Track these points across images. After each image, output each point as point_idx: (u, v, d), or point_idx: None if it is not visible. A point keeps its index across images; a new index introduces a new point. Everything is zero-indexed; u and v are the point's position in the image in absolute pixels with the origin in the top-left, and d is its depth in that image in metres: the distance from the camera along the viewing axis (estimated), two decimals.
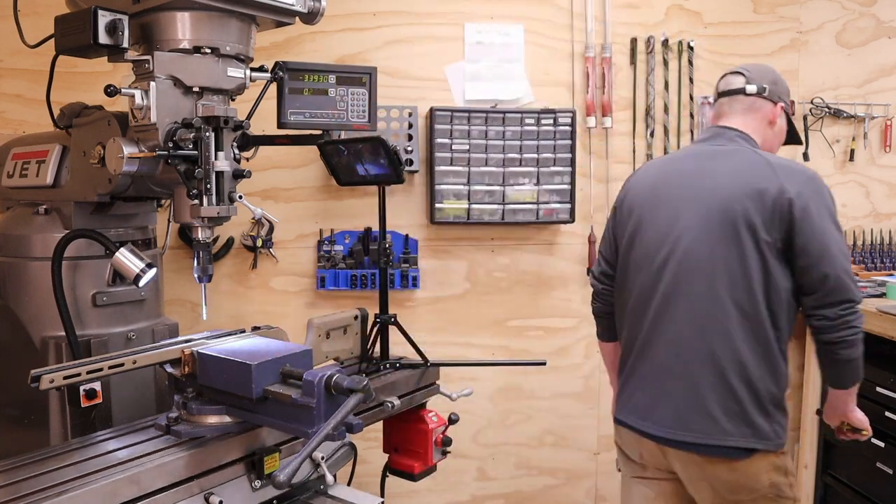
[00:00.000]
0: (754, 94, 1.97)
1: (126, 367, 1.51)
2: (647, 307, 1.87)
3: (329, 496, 1.72)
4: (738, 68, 2.02)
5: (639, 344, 1.90)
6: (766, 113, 1.99)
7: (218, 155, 1.65)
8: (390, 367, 2.13)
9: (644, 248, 1.89)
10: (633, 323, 1.92)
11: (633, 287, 1.91)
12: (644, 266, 1.88)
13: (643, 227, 1.91)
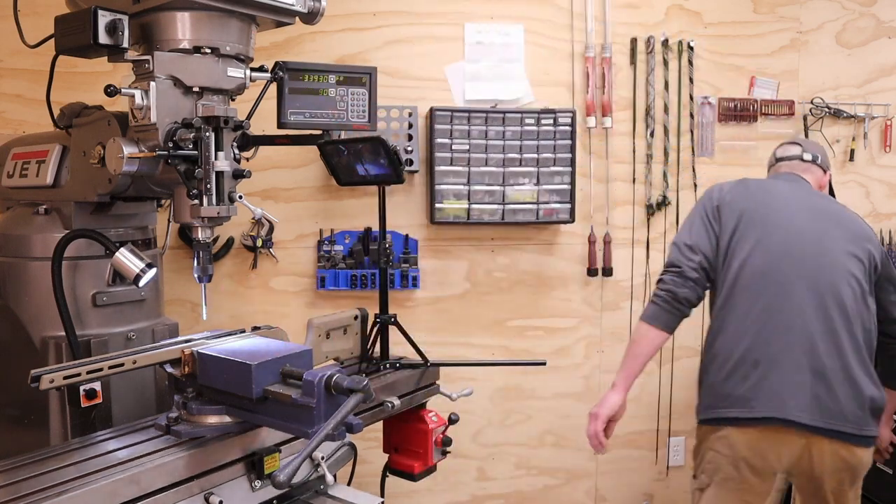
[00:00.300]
0: (810, 161, 2.30)
1: (126, 367, 1.51)
2: (776, 305, 2.01)
3: (329, 496, 1.72)
4: (794, 139, 2.44)
5: (760, 342, 1.99)
6: (819, 177, 2.31)
7: (218, 155, 1.65)
8: (390, 367, 2.13)
9: (770, 256, 2.06)
10: (752, 318, 2.02)
11: (756, 284, 2.04)
12: (771, 271, 2.05)
13: (764, 238, 2.09)
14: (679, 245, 2.15)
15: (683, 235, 2.17)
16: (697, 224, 2.16)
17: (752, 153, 3.16)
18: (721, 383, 2.01)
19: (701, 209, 2.19)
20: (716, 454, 2.03)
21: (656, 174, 3.08)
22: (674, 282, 2.09)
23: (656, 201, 3.08)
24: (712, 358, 2.06)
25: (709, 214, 2.16)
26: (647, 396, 3.18)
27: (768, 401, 1.93)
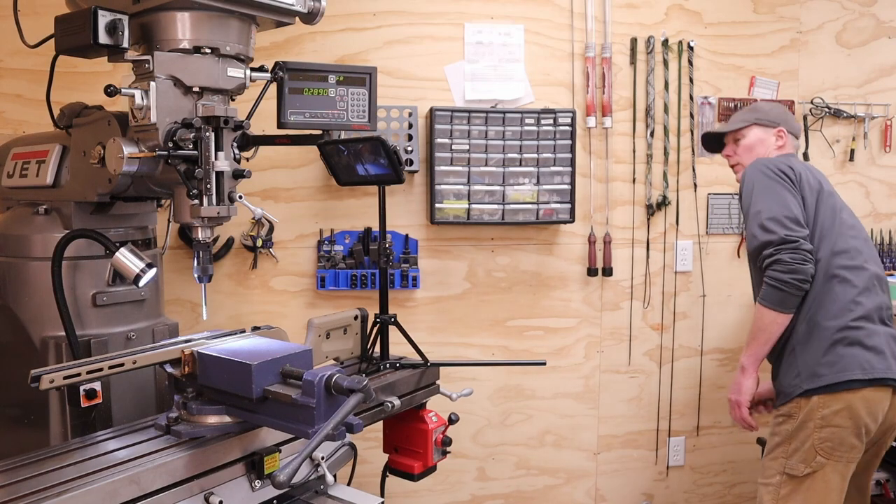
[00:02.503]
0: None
1: (126, 367, 1.51)
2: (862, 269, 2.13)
3: (329, 496, 1.72)
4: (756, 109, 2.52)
5: (859, 310, 2.08)
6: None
7: (218, 155, 1.65)
8: (390, 367, 2.13)
9: (845, 224, 2.18)
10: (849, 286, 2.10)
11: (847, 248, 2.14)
12: (847, 232, 2.16)
13: (836, 209, 2.19)
14: (779, 219, 2.05)
15: (777, 209, 2.07)
16: (788, 196, 2.09)
17: None
18: (832, 349, 2.03)
19: (784, 182, 2.12)
20: (835, 430, 2.00)
21: (656, 174, 3.08)
22: (796, 259, 2.01)
23: (656, 201, 3.08)
24: (814, 327, 2.07)
25: (795, 186, 2.13)
26: (647, 396, 3.19)
27: (879, 362, 2.02)
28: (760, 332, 2.12)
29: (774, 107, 2.43)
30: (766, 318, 2.09)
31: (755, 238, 2.09)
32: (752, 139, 2.36)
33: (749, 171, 2.20)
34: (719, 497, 3.31)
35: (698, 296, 3.18)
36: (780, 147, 2.35)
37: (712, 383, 3.23)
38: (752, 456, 3.17)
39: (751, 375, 2.17)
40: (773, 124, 2.36)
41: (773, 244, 2.04)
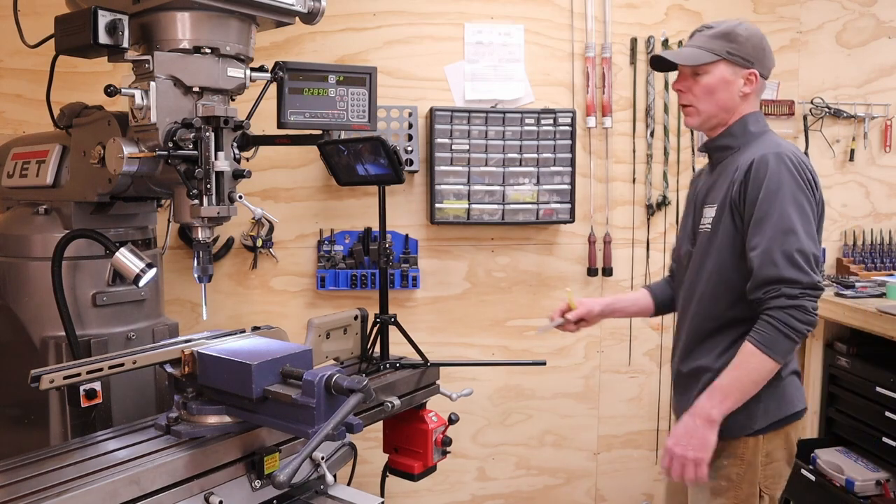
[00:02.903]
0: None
1: (126, 367, 1.51)
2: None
3: (329, 496, 1.72)
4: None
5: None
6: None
7: (218, 155, 1.65)
8: (390, 367, 2.13)
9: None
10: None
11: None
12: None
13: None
14: (813, 258, 1.68)
15: (811, 243, 1.69)
16: (813, 223, 1.73)
17: None
18: (777, 381, 1.77)
19: (811, 199, 1.73)
20: (777, 464, 1.84)
21: (656, 174, 3.08)
22: (815, 310, 1.68)
23: (656, 201, 3.08)
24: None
25: (817, 212, 1.76)
26: (647, 396, 3.19)
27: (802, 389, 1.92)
28: (750, 383, 1.71)
29: (753, 35, 1.84)
30: (764, 365, 1.69)
31: (775, 266, 1.66)
32: (715, 79, 1.81)
33: (774, 162, 1.71)
34: None
35: None
36: (746, 96, 1.83)
37: None
38: None
39: (715, 429, 1.73)
40: (747, 63, 1.82)
41: (801, 285, 1.65)
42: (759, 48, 1.84)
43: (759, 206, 1.71)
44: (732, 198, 1.75)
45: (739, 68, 1.81)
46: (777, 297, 1.66)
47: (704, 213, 1.85)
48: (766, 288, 1.67)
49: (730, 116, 1.84)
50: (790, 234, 1.67)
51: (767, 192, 1.70)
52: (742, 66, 1.81)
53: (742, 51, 1.81)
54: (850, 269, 3.19)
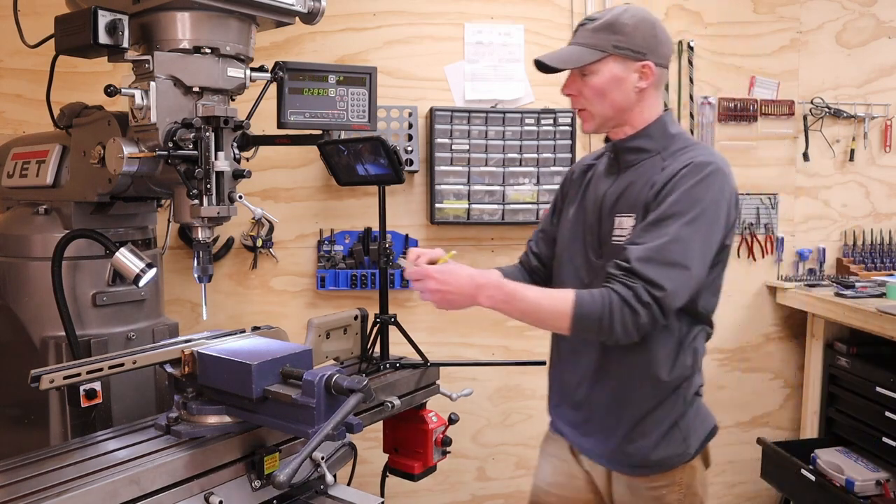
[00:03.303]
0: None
1: (126, 367, 1.51)
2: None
3: (329, 496, 1.72)
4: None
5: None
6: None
7: (218, 155, 1.65)
8: (390, 367, 2.13)
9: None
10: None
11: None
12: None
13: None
14: (691, 285, 1.52)
15: (701, 270, 1.53)
16: (711, 254, 1.56)
17: (752, 153, 3.16)
18: (701, 398, 1.72)
19: (726, 224, 1.56)
20: (705, 482, 1.72)
21: None
22: (638, 329, 1.49)
23: None
24: (695, 388, 1.67)
25: (725, 235, 1.58)
26: None
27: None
28: (536, 318, 1.58)
29: (641, 22, 1.64)
30: (561, 322, 1.52)
31: (653, 266, 1.46)
32: (604, 78, 1.60)
33: (717, 170, 1.52)
34: (719, 497, 3.31)
35: None
36: (643, 91, 1.62)
37: (712, 383, 3.22)
38: (752, 456, 3.17)
39: (472, 304, 1.60)
40: (638, 55, 1.60)
41: (657, 301, 1.46)
42: (650, 35, 1.63)
43: (670, 206, 1.50)
44: (648, 201, 1.55)
45: (630, 62, 1.60)
46: (629, 287, 1.46)
47: (619, 222, 1.62)
48: (628, 274, 1.48)
49: (630, 115, 1.63)
50: (692, 251, 1.49)
51: (695, 188, 1.50)
52: (633, 58, 1.60)
53: (630, 42, 1.60)
54: (850, 269, 3.19)
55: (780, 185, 3.20)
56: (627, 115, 1.64)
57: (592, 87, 1.62)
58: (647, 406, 1.62)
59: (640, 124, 1.64)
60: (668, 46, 1.68)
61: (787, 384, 3.29)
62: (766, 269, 3.22)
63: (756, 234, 3.18)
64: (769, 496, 3.28)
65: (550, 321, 1.56)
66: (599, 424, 1.68)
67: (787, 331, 3.26)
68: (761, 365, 3.26)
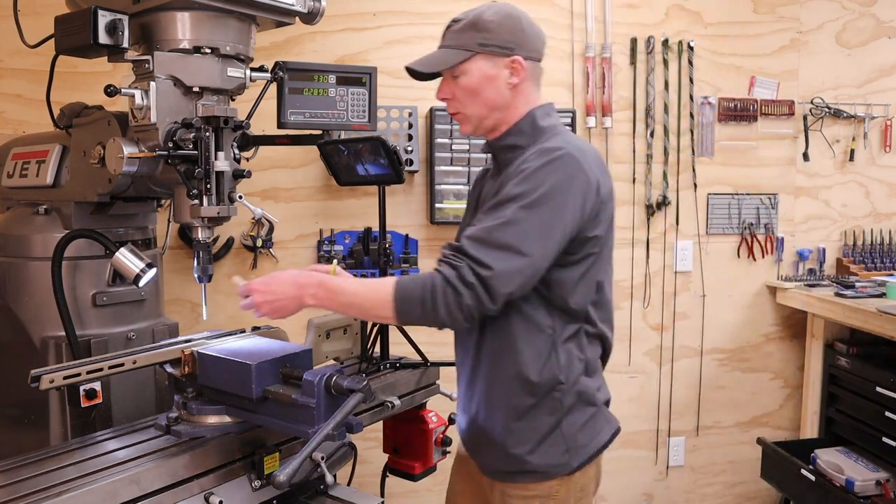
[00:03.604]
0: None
1: (126, 367, 1.51)
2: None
3: (329, 496, 1.72)
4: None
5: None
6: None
7: (218, 155, 1.65)
8: (390, 367, 2.13)
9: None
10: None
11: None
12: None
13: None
14: (530, 274, 1.45)
15: (542, 261, 1.46)
16: (554, 244, 1.46)
17: (752, 153, 3.16)
18: (600, 411, 1.67)
19: (572, 215, 1.46)
20: (587, 493, 1.66)
21: (656, 174, 3.08)
22: (469, 311, 1.42)
23: (656, 201, 3.08)
24: (582, 392, 1.59)
25: (576, 226, 1.48)
26: (647, 396, 3.19)
27: (609, 411, 1.73)
28: (360, 309, 1.52)
29: (506, 18, 1.56)
30: (383, 310, 1.45)
31: (482, 247, 1.41)
32: (474, 78, 1.56)
33: (566, 155, 1.45)
34: (719, 497, 3.31)
35: (698, 296, 3.18)
36: (517, 87, 1.57)
37: (712, 383, 3.23)
38: (752, 456, 3.17)
39: (300, 307, 1.51)
40: (506, 50, 1.55)
41: (483, 282, 1.39)
42: (517, 30, 1.56)
43: (510, 189, 1.45)
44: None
45: (499, 58, 1.55)
46: (454, 267, 1.41)
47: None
48: (456, 254, 1.43)
49: (507, 114, 1.58)
50: (522, 237, 1.41)
51: (528, 182, 1.44)
52: (501, 54, 1.55)
53: (496, 38, 1.55)
54: (850, 269, 3.20)
55: (780, 185, 3.20)
56: (504, 114, 1.59)
57: (464, 88, 1.58)
58: (521, 409, 1.55)
59: (514, 121, 1.59)
60: (537, 39, 1.60)
61: (787, 384, 3.29)
62: (766, 269, 3.22)
63: (756, 234, 3.18)
64: (769, 496, 3.28)
65: (375, 310, 1.49)
66: (479, 429, 1.62)
67: (787, 331, 3.26)
68: (761, 365, 3.27)
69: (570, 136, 1.57)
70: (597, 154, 1.56)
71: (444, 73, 1.61)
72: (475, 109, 1.59)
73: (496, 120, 1.60)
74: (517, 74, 1.56)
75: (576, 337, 1.56)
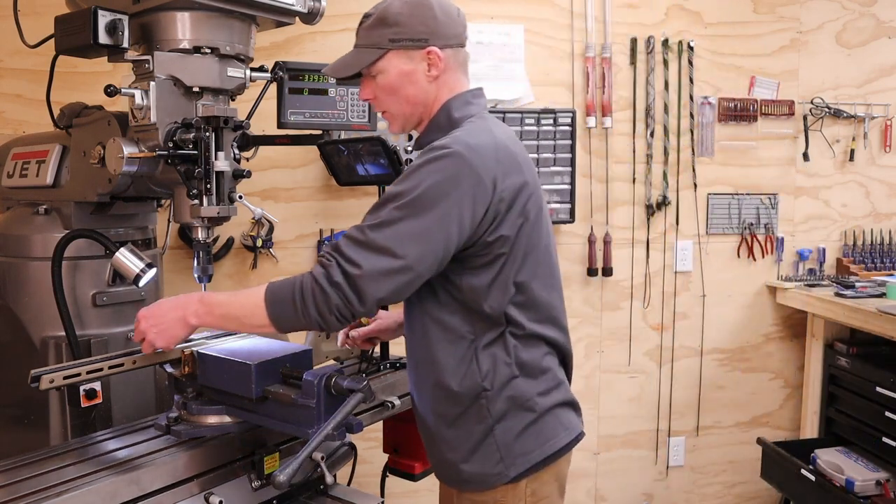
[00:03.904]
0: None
1: (126, 367, 1.51)
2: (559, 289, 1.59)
3: (329, 496, 1.72)
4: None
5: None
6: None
7: (218, 155, 1.65)
8: (390, 367, 2.13)
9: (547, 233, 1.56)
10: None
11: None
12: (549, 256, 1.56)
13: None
14: (410, 270, 1.38)
15: (425, 265, 1.39)
16: (435, 246, 1.38)
17: (752, 153, 3.17)
18: (551, 415, 1.52)
19: (458, 214, 1.36)
20: (546, 499, 1.54)
21: (656, 174, 3.08)
22: (340, 312, 1.38)
23: (656, 201, 3.08)
24: (517, 397, 1.48)
25: (473, 221, 1.40)
26: (647, 396, 3.19)
27: (574, 414, 1.59)
28: (239, 324, 1.47)
29: (415, 7, 1.47)
30: (259, 319, 1.41)
31: (353, 240, 1.35)
32: (391, 76, 1.49)
33: (453, 154, 1.36)
34: (719, 497, 3.31)
35: (698, 296, 3.18)
36: (437, 78, 1.50)
37: (712, 383, 3.23)
38: (752, 456, 3.17)
39: (187, 331, 1.49)
40: (419, 42, 1.47)
41: (358, 268, 1.33)
42: (428, 18, 1.47)
43: (391, 188, 1.38)
44: None
45: (413, 52, 1.47)
46: (324, 266, 1.36)
47: None
48: (330, 253, 1.37)
49: (432, 107, 1.52)
50: (396, 238, 1.34)
51: (408, 182, 1.36)
52: (415, 48, 1.47)
53: (408, 31, 1.47)
54: (850, 269, 3.20)
55: (780, 185, 3.20)
56: (428, 109, 1.53)
57: (383, 88, 1.51)
58: (449, 417, 1.49)
59: (433, 115, 1.53)
60: (454, 24, 1.50)
61: (787, 384, 3.29)
62: (766, 269, 3.22)
63: (756, 234, 3.18)
64: (769, 496, 3.28)
65: (251, 319, 1.42)
66: (423, 435, 1.60)
67: (787, 331, 3.26)
68: (761, 365, 3.27)
69: (474, 127, 1.46)
70: (501, 147, 1.42)
71: (363, 73, 1.53)
72: (399, 107, 1.53)
73: (421, 115, 1.54)
74: (435, 66, 1.48)
75: (499, 341, 1.47)
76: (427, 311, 1.48)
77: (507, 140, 1.47)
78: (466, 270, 1.43)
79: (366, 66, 1.50)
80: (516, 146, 1.49)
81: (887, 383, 2.64)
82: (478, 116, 1.51)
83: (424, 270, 1.37)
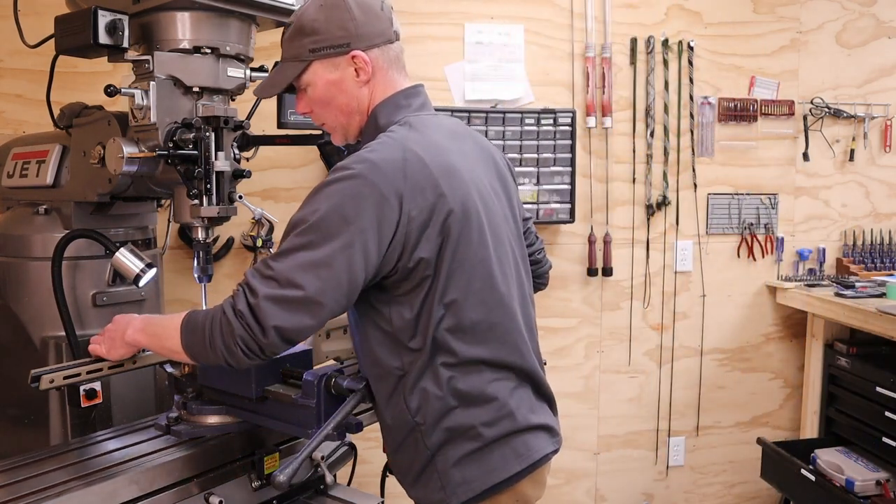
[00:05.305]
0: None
1: (126, 367, 1.51)
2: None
3: (329, 496, 1.72)
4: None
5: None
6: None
7: (218, 155, 1.65)
8: None
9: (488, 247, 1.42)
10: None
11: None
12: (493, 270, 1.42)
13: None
14: (310, 309, 1.29)
15: (328, 298, 1.29)
16: (336, 272, 1.27)
17: (752, 153, 3.16)
18: (502, 443, 1.40)
19: (361, 234, 1.26)
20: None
21: (656, 174, 3.08)
22: (247, 347, 1.27)
23: (656, 201, 3.08)
24: (455, 425, 1.37)
25: (380, 241, 1.31)
26: (647, 396, 3.19)
27: (536, 439, 1.45)
28: (165, 349, 1.41)
29: (331, 11, 1.39)
30: (177, 347, 1.35)
31: (257, 271, 1.27)
32: (320, 88, 1.42)
33: (352, 176, 1.27)
34: (719, 497, 3.31)
35: (698, 296, 3.18)
36: (368, 82, 1.43)
37: (712, 383, 3.23)
38: (752, 456, 3.17)
39: (129, 350, 1.50)
40: (340, 48, 1.40)
41: (256, 297, 1.24)
42: (346, 20, 1.38)
43: (294, 214, 1.30)
44: None
45: (337, 58, 1.40)
46: (233, 297, 1.27)
47: None
48: (241, 284, 1.29)
49: (368, 112, 1.46)
50: (295, 269, 1.24)
51: (305, 208, 1.28)
52: (336, 54, 1.39)
53: (326, 38, 1.39)
54: (850, 269, 3.20)
55: (780, 185, 3.20)
56: (366, 114, 1.46)
57: (315, 101, 1.44)
58: (392, 444, 1.43)
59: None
60: (376, 22, 1.42)
61: (787, 384, 3.29)
62: (766, 269, 3.22)
63: (756, 234, 3.18)
64: (769, 496, 3.28)
65: (169, 342, 1.36)
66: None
67: (787, 331, 3.26)
68: (761, 365, 3.27)
69: (387, 139, 1.35)
70: (412, 161, 1.30)
71: (294, 86, 1.46)
72: (335, 118, 1.46)
73: (360, 122, 1.46)
74: (363, 70, 1.40)
75: (429, 374, 1.35)
76: (363, 342, 1.41)
77: (427, 149, 1.33)
78: (394, 300, 1.34)
79: (291, 81, 1.42)
80: (440, 156, 1.35)
81: (887, 383, 2.64)
82: (403, 121, 1.40)
83: (329, 301, 1.26)
